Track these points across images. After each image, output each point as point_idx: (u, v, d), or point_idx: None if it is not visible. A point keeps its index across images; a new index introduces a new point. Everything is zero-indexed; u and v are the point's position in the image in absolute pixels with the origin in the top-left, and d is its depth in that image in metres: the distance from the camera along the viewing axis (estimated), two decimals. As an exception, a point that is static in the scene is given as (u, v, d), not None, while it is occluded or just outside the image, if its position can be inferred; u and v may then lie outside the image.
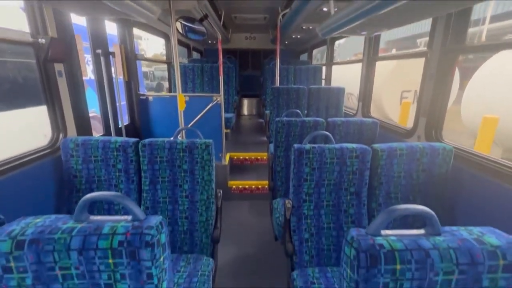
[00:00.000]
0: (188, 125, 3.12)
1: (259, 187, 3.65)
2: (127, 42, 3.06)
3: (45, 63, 1.82)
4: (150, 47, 17.46)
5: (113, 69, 2.74)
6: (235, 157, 4.16)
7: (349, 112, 4.13)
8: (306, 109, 3.97)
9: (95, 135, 2.14)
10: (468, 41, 1.95)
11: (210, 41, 6.39)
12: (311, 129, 2.55)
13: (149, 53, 17.31)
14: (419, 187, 1.76)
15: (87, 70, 4.54)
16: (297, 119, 2.55)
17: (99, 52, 2.51)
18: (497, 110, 5.03)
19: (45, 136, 1.97)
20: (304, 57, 7.41)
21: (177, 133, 2.12)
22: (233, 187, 3.66)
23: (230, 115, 4.56)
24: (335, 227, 1.71)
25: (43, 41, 1.76)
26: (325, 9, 2.95)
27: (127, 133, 3.03)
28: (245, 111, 7.93)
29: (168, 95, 3.37)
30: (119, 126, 2.89)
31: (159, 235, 0.73)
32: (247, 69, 7.92)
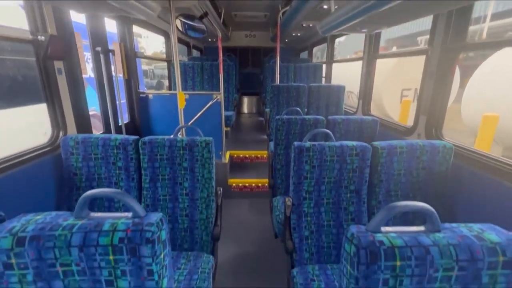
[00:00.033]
0: (188, 123, 3.12)
1: (259, 185, 3.65)
2: (126, 40, 3.04)
3: (44, 61, 1.82)
4: (150, 45, 17.41)
5: (113, 67, 2.73)
6: (235, 155, 4.15)
7: (349, 110, 4.12)
8: (306, 107, 3.97)
9: (95, 133, 2.13)
10: (468, 39, 1.94)
11: (210, 39, 6.38)
12: (311, 127, 2.54)
13: (149, 51, 17.29)
14: (419, 184, 1.76)
15: (87, 68, 4.53)
16: (297, 117, 2.54)
17: (98, 50, 2.50)
18: (497, 108, 5.02)
19: (45, 134, 1.97)
20: (304, 55, 7.38)
21: (177, 131, 2.12)
22: (233, 185, 3.66)
23: (230, 113, 4.55)
24: (335, 225, 1.71)
25: (42, 38, 1.75)
26: (325, 6, 2.93)
27: (127, 131, 3.03)
28: (245, 109, 7.92)
29: (168, 93, 3.36)
30: (119, 124, 2.89)
31: (160, 231, 0.73)
32: (247, 67, 7.89)
